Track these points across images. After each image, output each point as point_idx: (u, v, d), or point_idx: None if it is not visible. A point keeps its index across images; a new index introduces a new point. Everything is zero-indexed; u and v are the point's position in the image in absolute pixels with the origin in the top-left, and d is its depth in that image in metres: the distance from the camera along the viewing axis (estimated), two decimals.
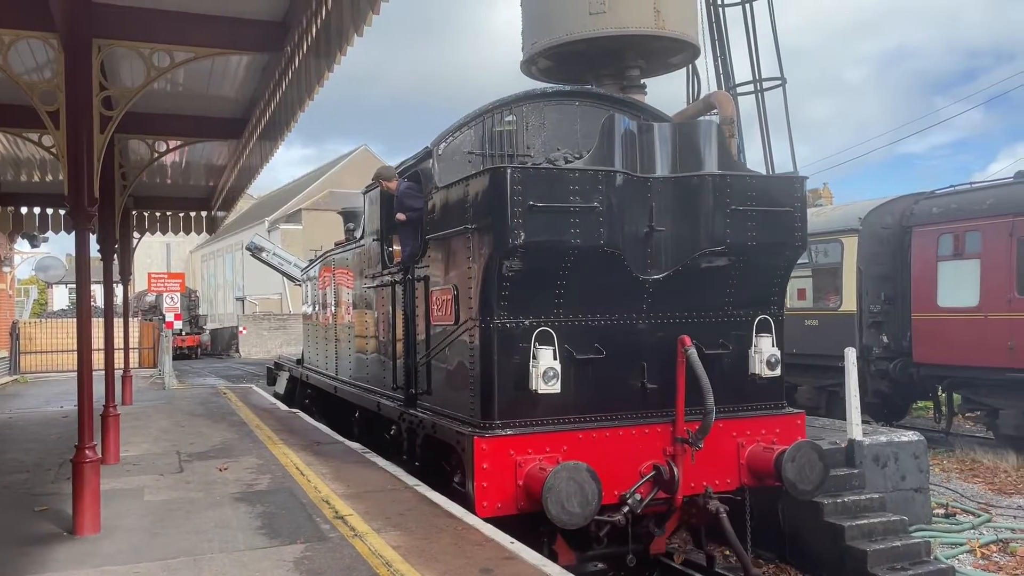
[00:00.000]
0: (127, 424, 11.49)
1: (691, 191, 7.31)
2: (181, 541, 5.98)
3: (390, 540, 5.83)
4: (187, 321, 39.52)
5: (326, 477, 8.06)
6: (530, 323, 6.80)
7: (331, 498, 7.16)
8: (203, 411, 14.27)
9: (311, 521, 6.44)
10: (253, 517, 6.62)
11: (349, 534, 6.03)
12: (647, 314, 7.27)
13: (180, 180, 13.88)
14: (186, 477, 8.35)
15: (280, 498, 7.25)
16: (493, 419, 6.78)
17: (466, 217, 6.97)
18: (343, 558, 5.47)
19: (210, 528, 6.31)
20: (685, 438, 7.04)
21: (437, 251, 7.75)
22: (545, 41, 15.93)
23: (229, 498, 7.31)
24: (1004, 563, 8.38)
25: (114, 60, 7.50)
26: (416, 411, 8.24)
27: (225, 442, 10.57)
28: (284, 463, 8.88)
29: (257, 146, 10.08)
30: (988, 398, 13.58)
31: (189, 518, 6.65)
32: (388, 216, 9.31)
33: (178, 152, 11.50)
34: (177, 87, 8.67)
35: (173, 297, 22.69)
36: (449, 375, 7.59)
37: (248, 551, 5.69)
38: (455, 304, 7.23)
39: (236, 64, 8.02)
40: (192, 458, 9.41)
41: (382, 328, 9.56)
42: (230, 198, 14.63)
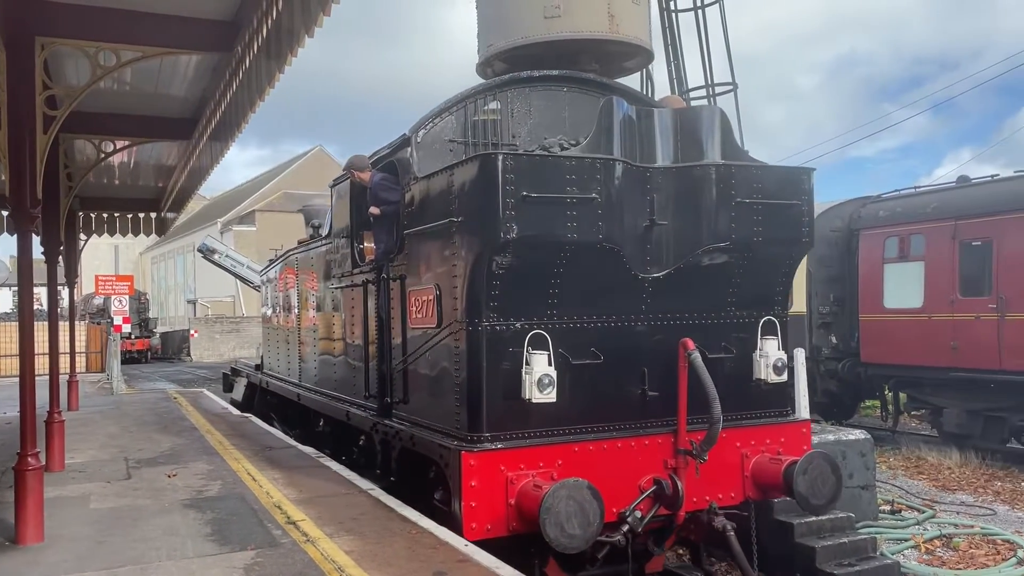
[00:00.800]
0: (73, 430, 11.23)
1: (694, 182, 6.75)
2: (127, 549, 5.80)
3: (343, 545, 5.73)
4: (136, 324, 38.68)
5: (278, 482, 7.91)
6: (522, 326, 6.21)
7: (283, 503, 7.04)
8: (152, 416, 13.91)
9: (262, 527, 6.30)
10: (203, 524, 6.45)
11: (301, 539, 5.92)
12: (646, 315, 6.72)
13: (128, 181, 13.58)
14: (134, 484, 8.11)
15: (231, 504, 7.08)
16: (481, 431, 6.14)
17: (451, 210, 6.35)
18: (295, 564, 5.36)
19: (158, 535, 6.14)
20: (688, 450, 6.47)
21: (416, 247, 7.10)
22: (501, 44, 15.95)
23: (178, 505, 7.14)
24: (947, 558, 8.58)
25: (59, 59, 7.31)
26: (392, 421, 7.56)
27: (175, 448, 10.34)
28: (235, 468, 8.72)
29: (207, 147, 9.91)
30: (932, 397, 13.85)
31: (136, 526, 6.45)
32: (359, 211, 8.59)
33: (126, 152, 11.26)
34: (124, 86, 8.48)
35: (121, 300, 22.22)
36: (430, 383, 6.93)
37: (197, 558, 5.56)
38: (437, 305, 6.60)
39: (185, 64, 7.87)
40: (140, 464, 9.17)
41: (352, 332, 8.85)
42: (180, 199, 14.35)
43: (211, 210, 59.18)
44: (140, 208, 15.45)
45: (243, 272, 29.21)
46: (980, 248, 12.90)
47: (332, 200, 9.58)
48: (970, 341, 12.81)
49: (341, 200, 9.21)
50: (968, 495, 11.12)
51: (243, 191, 59.67)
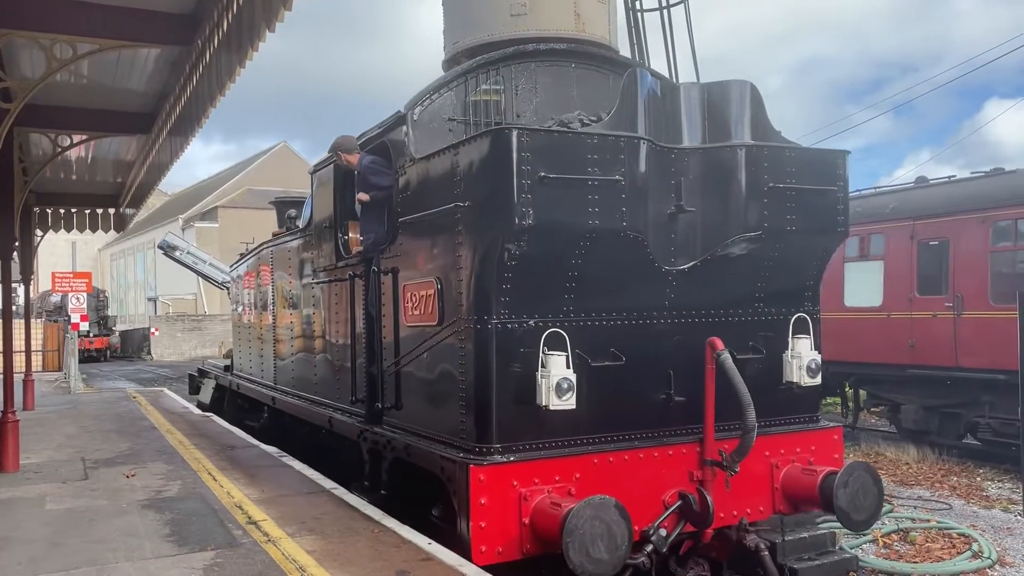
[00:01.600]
0: (29, 430, 11.01)
1: (723, 165, 6.11)
2: (84, 551, 5.64)
3: (305, 545, 5.63)
4: (95, 322, 37.91)
5: (239, 482, 7.77)
6: (535, 323, 5.56)
7: (244, 503, 6.93)
8: (111, 416, 13.58)
9: (223, 527, 6.17)
10: (161, 524, 6.29)
11: (262, 539, 5.81)
12: (669, 312, 6.07)
13: (86, 176, 13.32)
14: (91, 484, 7.90)
15: (190, 504, 6.92)
16: (491, 442, 5.47)
17: (455, 193, 5.65)
18: (255, 564, 5.24)
19: (116, 536, 5.97)
20: (718, 461, 5.85)
21: (412, 237, 6.40)
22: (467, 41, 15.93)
23: (136, 505, 6.98)
24: (904, 551, 8.71)
25: (13, 50, 7.13)
26: (382, 429, 6.84)
27: (134, 448, 10.13)
28: (196, 468, 8.57)
29: (167, 141, 9.75)
30: (891, 394, 14.03)
31: (93, 527, 6.29)
32: (344, 198, 7.85)
33: (84, 147, 11.02)
34: (81, 79, 8.29)
35: (79, 297, 21.79)
36: (428, 387, 6.23)
37: (155, 559, 5.42)
38: (438, 301, 5.93)
39: (144, 57, 7.71)
40: (98, 465, 8.96)
41: (336, 330, 8.04)
42: (139, 195, 14.10)
43: (172, 206, 58.29)
44: (98, 204, 15.15)
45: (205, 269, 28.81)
46: (937, 248, 13.11)
47: (312, 187, 8.76)
48: (927, 339, 13.03)
49: (323, 187, 8.36)
50: (925, 490, 11.23)
51: (205, 187, 58.84)
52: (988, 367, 12.07)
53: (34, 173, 10.59)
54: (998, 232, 12.41)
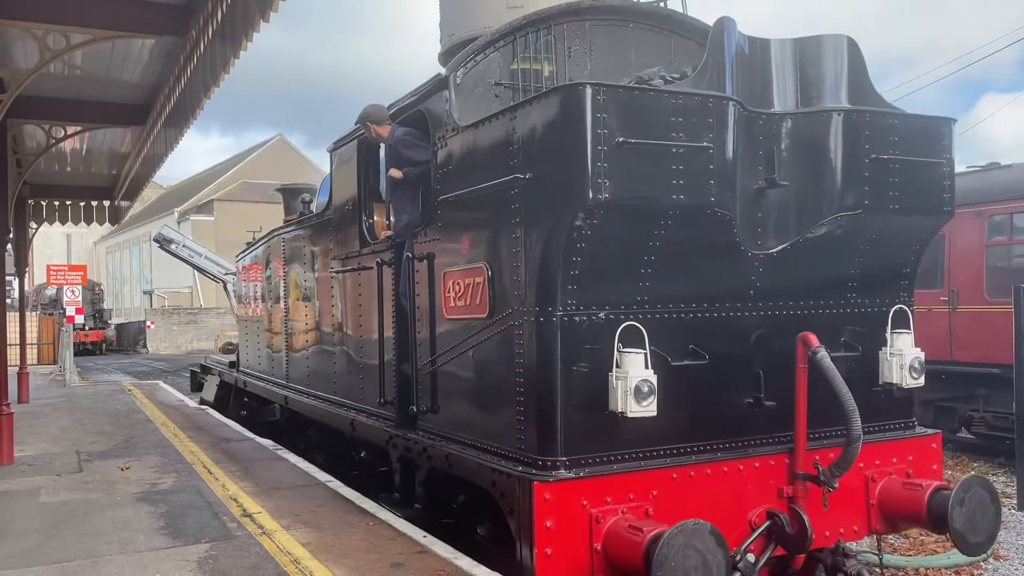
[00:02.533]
0: (23, 423, 10.95)
1: (817, 132, 5.26)
2: (78, 543, 5.60)
3: (299, 537, 5.58)
4: (90, 315, 37.66)
5: (234, 475, 7.70)
6: (607, 316, 4.77)
7: (239, 496, 6.88)
8: (106, 409, 13.45)
9: (217, 520, 6.11)
10: (156, 517, 6.24)
11: (257, 532, 5.76)
12: (754, 303, 5.24)
13: (81, 168, 13.23)
14: (85, 477, 7.83)
15: (185, 497, 6.86)
16: (556, 455, 4.66)
17: (512, 165, 4.83)
18: (249, 556, 5.20)
19: (110, 529, 5.93)
20: (813, 475, 5.06)
21: (454, 218, 5.59)
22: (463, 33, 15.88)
23: (131, 498, 6.93)
24: (898, 544, 8.74)
25: (6, 41, 7.05)
26: (416, 435, 6.06)
27: (128, 440, 10.07)
28: (191, 461, 8.51)
29: (162, 133, 9.68)
30: None
31: (87, 519, 6.24)
32: (368, 177, 7.14)
33: (78, 139, 10.96)
34: (75, 70, 8.21)
35: (74, 290, 21.67)
36: (474, 389, 5.46)
37: (149, 552, 5.38)
38: (488, 290, 5.13)
39: (139, 48, 7.63)
40: (93, 457, 8.91)
41: (360, 324, 7.25)
42: (134, 187, 14.00)
43: (168, 199, 57.99)
44: (93, 196, 15.05)
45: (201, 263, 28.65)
46: (934, 242, 13.16)
47: (332, 166, 7.87)
48: (923, 333, 13.09)
49: (345, 165, 7.51)
50: None
51: (201, 180, 58.57)
52: (983, 361, 12.09)
53: (28, 165, 10.53)
54: (993, 227, 12.39)
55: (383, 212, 7.01)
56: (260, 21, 5.11)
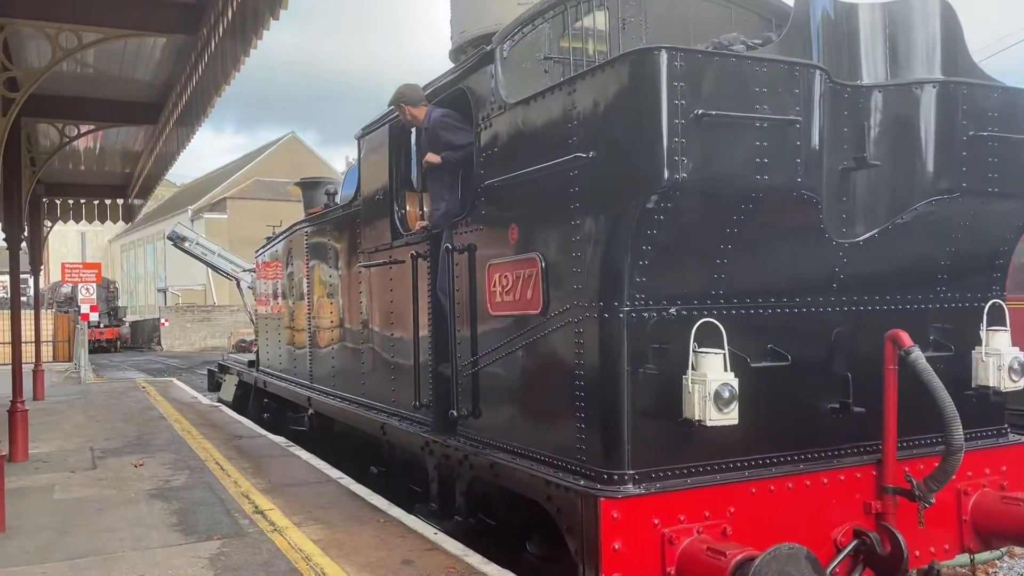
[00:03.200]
0: (38, 420, 11.02)
1: (910, 107, 4.70)
2: (91, 540, 5.64)
3: (311, 534, 5.60)
4: (105, 313, 37.83)
5: (247, 471, 7.77)
6: (678, 311, 4.29)
7: (251, 492, 6.93)
8: (120, 406, 13.59)
9: (229, 516, 6.15)
10: (168, 514, 6.29)
11: (268, 529, 5.79)
12: (837, 297, 4.74)
13: (94, 166, 13.29)
14: (99, 474, 7.90)
15: (198, 494, 6.92)
16: (623, 467, 4.20)
17: (571, 143, 4.34)
18: (261, 553, 5.23)
19: (122, 526, 5.97)
20: (906, 488, 4.57)
21: (501, 204, 5.13)
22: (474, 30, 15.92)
23: (144, 495, 6.99)
24: None
25: (19, 40, 7.10)
26: (456, 441, 5.62)
27: (142, 437, 10.16)
28: (203, 458, 8.57)
29: (174, 131, 9.70)
30: None
31: (101, 516, 6.28)
32: (400, 164, 6.72)
33: (92, 137, 11.03)
34: (88, 69, 8.26)
35: (89, 288, 21.78)
36: (524, 392, 5.01)
37: (162, 548, 5.42)
38: (542, 283, 4.66)
39: (151, 46, 7.68)
40: (106, 454, 8.98)
41: (391, 322, 6.82)
42: (147, 185, 14.06)
43: (181, 197, 58.21)
44: (107, 194, 15.11)
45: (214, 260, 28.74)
46: None
47: (360, 154, 7.41)
48: None
49: (375, 153, 7.06)
50: None
51: (214, 178, 58.78)
52: None
53: (42, 163, 10.60)
54: None
55: (416, 202, 6.68)
56: (270, 19, 5.10)
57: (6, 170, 6.29)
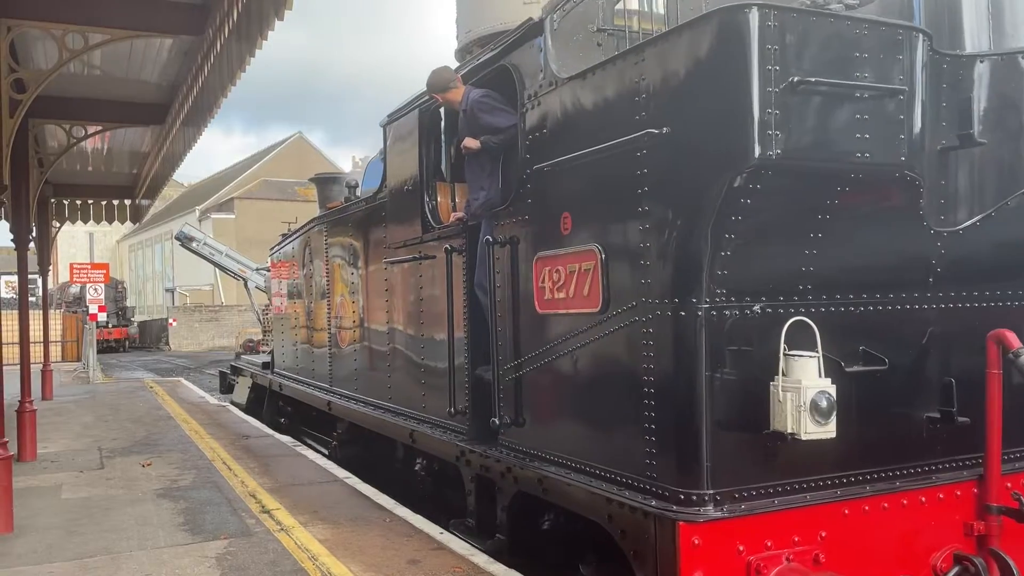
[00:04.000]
0: (46, 420, 11.04)
1: (1018, 79, 4.18)
2: (99, 539, 5.61)
3: (317, 533, 5.57)
4: (113, 313, 37.90)
5: (254, 471, 7.74)
6: (762, 308, 3.72)
7: (258, 492, 6.93)
8: (128, 405, 13.53)
9: (236, 516, 6.12)
10: (176, 513, 6.26)
11: (275, 528, 5.77)
12: (934, 292, 4.15)
13: (102, 167, 13.25)
14: (107, 474, 7.89)
15: (205, 493, 6.90)
16: (701, 486, 3.62)
17: (639, 119, 3.80)
18: (267, 552, 5.19)
19: (130, 525, 5.94)
20: (1014, 507, 4.01)
21: (552, 191, 4.57)
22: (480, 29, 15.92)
23: (151, 494, 6.99)
24: None
25: (26, 41, 7.09)
26: (497, 451, 5.10)
27: (150, 437, 10.14)
28: (211, 458, 8.56)
29: (181, 132, 9.70)
30: None
31: (108, 516, 6.26)
32: (431, 152, 6.27)
33: (99, 138, 11.01)
34: (94, 70, 8.23)
35: (97, 288, 21.84)
36: (579, 399, 4.42)
37: (169, 548, 5.40)
38: (601, 278, 4.11)
39: (157, 47, 7.67)
40: (114, 454, 8.96)
41: (422, 323, 6.32)
42: (155, 186, 14.03)
43: (189, 197, 58.36)
44: (114, 195, 15.08)
45: (222, 260, 28.79)
46: None
47: (385, 143, 6.91)
48: None
49: (402, 141, 6.55)
50: None
51: (221, 178, 58.92)
52: None
53: (49, 164, 10.60)
54: None
55: (448, 193, 6.27)
56: (275, 19, 5.10)
57: (14, 171, 6.30)
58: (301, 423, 10.55)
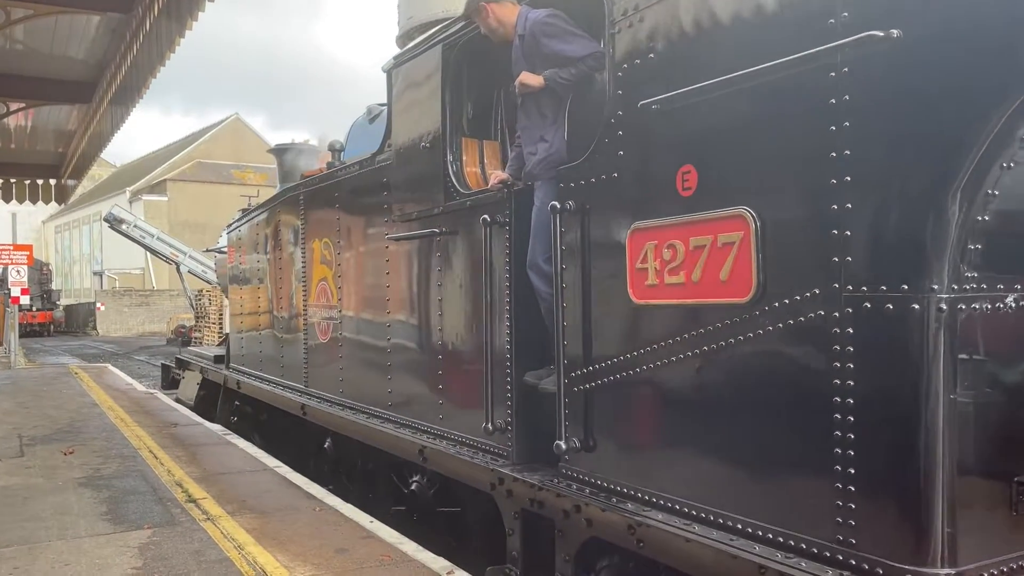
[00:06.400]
0: None
1: None
2: (16, 529, 5.47)
3: (244, 523, 5.50)
4: (38, 296, 36.83)
5: (181, 460, 7.59)
6: (1016, 300, 2.76)
7: (184, 481, 6.80)
8: (51, 392, 13.14)
9: (161, 505, 6.01)
10: (98, 503, 6.13)
11: (201, 518, 5.67)
12: None
13: (26, 145, 12.97)
14: (26, 462, 7.65)
15: (129, 482, 6.73)
16: (933, 563, 2.57)
17: (831, 25, 2.75)
18: (192, 542, 5.12)
19: (49, 515, 5.80)
20: None
21: (658, 138, 3.45)
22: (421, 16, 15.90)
23: (73, 483, 6.82)
24: None
25: None
26: (558, 482, 4.00)
27: (73, 425, 9.88)
28: (136, 446, 8.36)
29: (108, 111, 9.48)
30: None
31: (27, 505, 6.09)
32: (458, 101, 5.14)
33: (23, 115, 10.75)
34: (16, 45, 8.08)
35: (20, 270, 21.20)
36: (708, 421, 3.25)
37: (90, 538, 5.27)
38: (755, 254, 3.01)
39: (84, 23, 7.54)
40: (35, 442, 8.69)
41: (440, 313, 5.12)
42: (81, 165, 13.74)
43: (119, 178, 56.80)
44: (39, 174, 14.72)
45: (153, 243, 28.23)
46: None
47: (391, 92, 5.71)
48: None
49: (418, 87, 5.36)
50: None
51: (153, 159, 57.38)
52: None
53: None
54: None
55: (475, 152, 5.21)
56: (206, 1, 5.04)
57: None
58: (261, 427, 9.29)
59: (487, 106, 5.15)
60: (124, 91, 8.27)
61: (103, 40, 7.87)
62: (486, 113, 5.29)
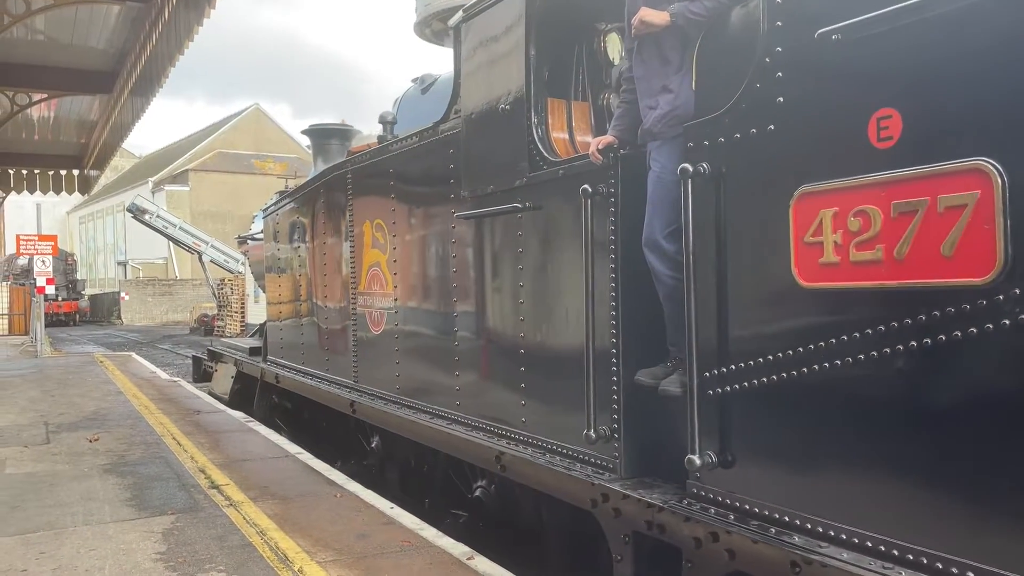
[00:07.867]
0: None
1: None
2: (42, 515, 5.55)
3: (265, 509, 5.56)
4: (63, 286, 37.35)
5: (204, 447, 7.67)
6: None
7: (208, 468, 6.86)
8: (76, 380, 13.29)
9: (184, 491, 6.08)
10: (122, 489, 6.20)
11: (223, 503, 5.73)
12: None
13: (49, 136, 13.10)
14: (53, 449, 7.76)
15: (153, 468, 6.81)
16: None
17: None
18: (215, 528, 5.18)
19: (75, 501, 5.88)
20: None
21: (836, 78, 2.74)
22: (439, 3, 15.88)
23: (98, 469, 6.89)
24: None
25: None
26: (688, 503, 3.36)
27: (98, 412, 9.98)
28: (160, 433, 8.45)
29: (129, 101, 9.50)
30: None
31: (53, 491, 6.17)
32: (543, 55, 4.48)
33: (45, 106, 10.85)
34: (38, 35, 8.16)
35: (45, 260, 21.43)
36: (925, 439, 2.52)
37: (114, 523, 5.34)
38: (1002, 222, 2.31)
39: (104, 14, 7.60)
40: (61, 429, 8.80)
41: (520, 301, 4.51)
42: (103, 156, 13.84)
43: (142, 169, 57.26)
44: (62, 165, 14.87)
45: (175, 233, 28.49)
46: None
47: (460, 50, 5.04)
48: None
49: (492, 44, 4.72)
50: None
51: (175, 149, 57.81)
52: None
53: None
54: None
55: (562, 114, 4.61)
56: None
57: None
58: (303, 424, 8.92)
59: (567, 65, 4.52)
60: (144, 80, 8.31)
61: (123, 29, 7.92)
62: (566, 73, 4.67)
